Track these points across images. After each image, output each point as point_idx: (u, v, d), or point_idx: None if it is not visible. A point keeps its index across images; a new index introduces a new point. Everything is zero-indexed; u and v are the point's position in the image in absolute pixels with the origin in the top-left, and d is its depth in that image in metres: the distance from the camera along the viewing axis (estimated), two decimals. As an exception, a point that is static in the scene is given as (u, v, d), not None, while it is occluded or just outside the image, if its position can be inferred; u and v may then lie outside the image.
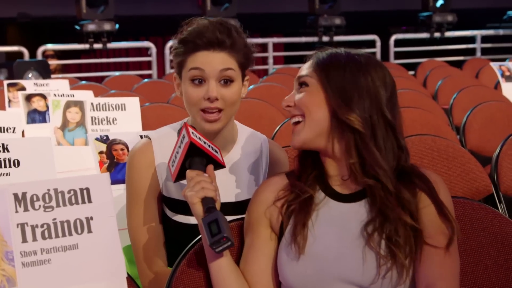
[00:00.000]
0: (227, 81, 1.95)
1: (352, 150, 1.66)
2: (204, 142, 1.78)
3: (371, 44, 9.87)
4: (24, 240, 1.54)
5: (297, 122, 1.71)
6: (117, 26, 8.74)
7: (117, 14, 8.89)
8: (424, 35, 10.17)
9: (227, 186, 2.01)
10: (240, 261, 1.74)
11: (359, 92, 1.65)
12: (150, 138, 2.04)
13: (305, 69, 1.73)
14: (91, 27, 8.64)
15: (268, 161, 2.09)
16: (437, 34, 10.08)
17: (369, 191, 1.66)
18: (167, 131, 2.06)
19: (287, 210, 1.70)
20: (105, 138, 2.73)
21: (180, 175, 1.77)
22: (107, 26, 8.63)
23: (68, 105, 3.30)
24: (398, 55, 10.07)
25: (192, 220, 1.99)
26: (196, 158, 1.75)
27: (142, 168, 2.02)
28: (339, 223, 1.67)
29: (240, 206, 2.00)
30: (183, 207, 1.98)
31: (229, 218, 1.90)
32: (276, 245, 1.72)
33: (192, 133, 1.75)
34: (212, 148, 1.79)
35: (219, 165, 1.80)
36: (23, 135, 3.49)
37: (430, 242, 1.63)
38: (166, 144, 2.02)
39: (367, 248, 1.62)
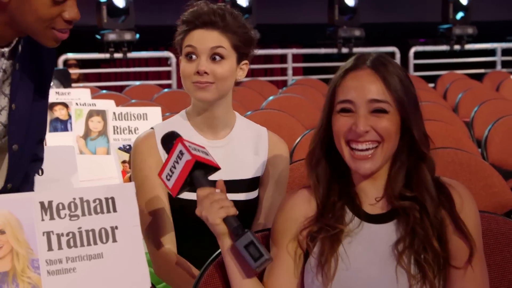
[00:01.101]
0: (217, 58, 2.08)
1: (403, 172, 1.65)
2: (199, 150, 1.74)
3: (391, 56, 9.81)
4: (50, 248, 1.55)
5: (368, 148, 1.63)
6: (137, 36, 8.79)
7: (138, 24, 8.94)
8: (444, 47, 10.15)
9: (229, 164, 2.10)
10: (264, 273, 1.73)
11: (421, 115, 1.66)
12: (153, 128, 2.17)
13: (374, 91, 1.63)
14: (111, 36, 8.69)
15: (268, 148, 2.18)
16: (457, 47, 10.05)
17: (402, 212, 1.63)
18: (169, 122, 2.18)
19: (313, 239, 1.66)
20: (128, 147, 2.75)
21: (182, 190, 1.74)
22: (127, 36, 8.68)
23: (90, 114, 3.33)
24: (417, 68, 10.05)
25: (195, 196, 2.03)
26: (197, 172, 1.71)
27: (144, 152, 2.11)
28: (369, 246, 1.64)
29: (241, 184, 2.11)
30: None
31: (235, 196, 2.05)
32: (302, 260, 1.70)
33: (189, 146, 1.72)
34: (203, 152, 1.76)
35: (214, 169, 1.76)
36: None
37: (457, 264, 1.62)
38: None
39: (398, 269, 1.59)
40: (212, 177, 1.75)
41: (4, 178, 1.89)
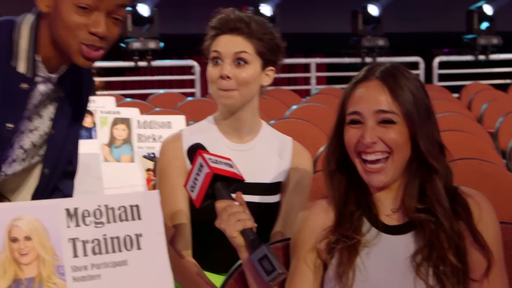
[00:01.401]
0: (240, 62, 2.13)
1: (415, 185, 1.64)
2: (221, 162, 1.77)
3: (415, 66, 9.82)
4: (75, 255, 1.56)
5: (378, 160, 1.63)
6: (161, 44, 8.85)
7: (162, 33, 9.00)
8: (469, 57, 10.09)
9: (249, 167, 2.13)
10: (285, 284, 1.72)
11: (434, 126, 1.65)
12: (181, 131, 2.23)
13: (381, 101, 1.64)
14: (136, 45, 8.76)
15: (291, 156, 2.22)
16: (481, 57, 9.99)
17: (419, 224, 1.63)
18: (197, 126, 2.26)
19: (330, 250, 1.67)
20: (152, 155, 2.77)
21: (204, 201, 1.77)
22: (152, 44, 8.75)
23: (115, 122, 3.35)
24: (442, 78, 10.00)
25: None
26: (219, 184, 1.74)
27: (170, 153, 2.17)
28: (387, 257, 1.64)
29: (258, 187, 2.15)
30: None
31: (251, 198, 2.08)
32: (321, 271, 1.70)
33: (210, 159, 1.74)
34: (226, 164, 1.79)
35: (238, 181, 1.79)
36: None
37: (475, 276, 1.61)
38: (195, 138, 2.13)
39: (417, 281, 1.59)
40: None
41: (28, 198, 1.94)
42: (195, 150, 1.77)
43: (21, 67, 1.79)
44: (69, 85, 1.91)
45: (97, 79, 8.87)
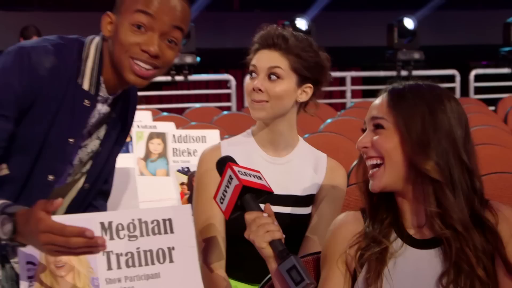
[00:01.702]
0: (272, 77, 2.17)
1: (430, 198, 1.63)
2: (250, 175, 1.79)
3: (451, 78, 9.75)
4: (109, 267, 1.61)
5: (376, 165, 1.67)
6: (198, 59, 8.92)
7: (198, 47, 9.07)
8: (505, 70, 9.99)
9: (283, 180, 2.17)
10: None
11: (437, 136, 1.62)
12: (220, 143, 2.27)
13: (377, 108, 1.69)
14: (173, 59, 8.83)
15: (325, 171, 2.25)
16: (518, 70, 9.88)
17: (445, 241, 1.63)
18: (236, 140, 2.28)
19: (360, 258, 1.68)
20: (186, 169, 2.81)
21: (233, 213, 1.79)
22: (188, 59, 8.81)
23: (151, 136, 3.40)
24: (478, 90, 9.91)
25: None
26: (247, 196, 1.76)
27: (208, 162, 2.18)
28: (413, 271, 1.64)
29: (290, 199, 2.18)
30: None
31: (283, 209, 2.11)
32: (350, 282, 1.71)
33: (239, 171, 1.77)
34: (255, 176, 1.81)
35: (267, 193, 1.82)
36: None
37: None
38: (233, 149, 2.19)
39: None
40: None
41: (62, 212, 2.01)
42: (225, 162, 1.80)
43: (86, 84, 1.89)
44: (120, 107, 2.01)
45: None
